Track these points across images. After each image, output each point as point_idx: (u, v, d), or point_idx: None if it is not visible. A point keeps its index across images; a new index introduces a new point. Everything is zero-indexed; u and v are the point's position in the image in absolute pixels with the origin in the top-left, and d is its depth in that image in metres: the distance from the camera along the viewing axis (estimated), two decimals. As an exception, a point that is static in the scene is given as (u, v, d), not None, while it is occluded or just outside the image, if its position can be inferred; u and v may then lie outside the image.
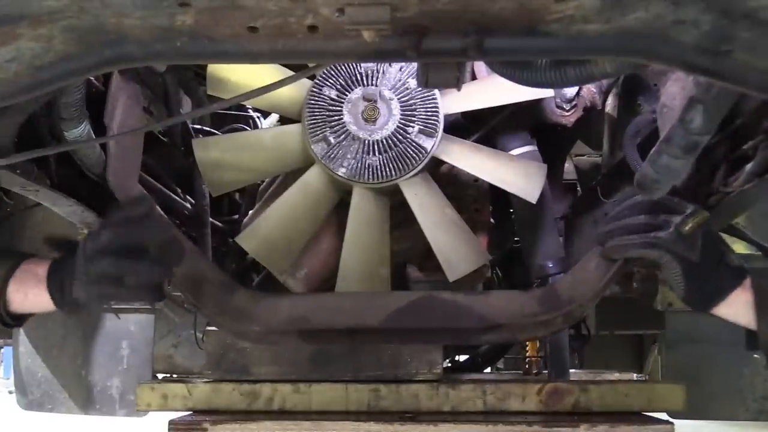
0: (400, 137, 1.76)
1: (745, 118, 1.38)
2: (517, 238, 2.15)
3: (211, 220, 2.18)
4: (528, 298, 1.53)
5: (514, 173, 1.82)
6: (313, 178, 1.81)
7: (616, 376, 3.24)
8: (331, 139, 1.76)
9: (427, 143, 1.76)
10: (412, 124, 1.76)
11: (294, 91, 1.80)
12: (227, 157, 1.87)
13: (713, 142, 1.43)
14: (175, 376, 2.76)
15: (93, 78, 1.49)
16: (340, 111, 1.77)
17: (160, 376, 2.69)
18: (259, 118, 2.35)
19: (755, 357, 2.29)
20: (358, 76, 1.78)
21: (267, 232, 1.82)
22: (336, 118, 1.77)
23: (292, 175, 1.88)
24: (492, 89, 1.81)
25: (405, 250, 1.93)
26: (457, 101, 1.80)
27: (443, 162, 1.83)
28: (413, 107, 1.76)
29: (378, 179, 1.76)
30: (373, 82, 1.77)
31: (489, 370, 3.30)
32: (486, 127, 1.92)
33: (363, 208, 1.79)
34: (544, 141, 1.99)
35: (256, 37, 0.92)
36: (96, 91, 1.51)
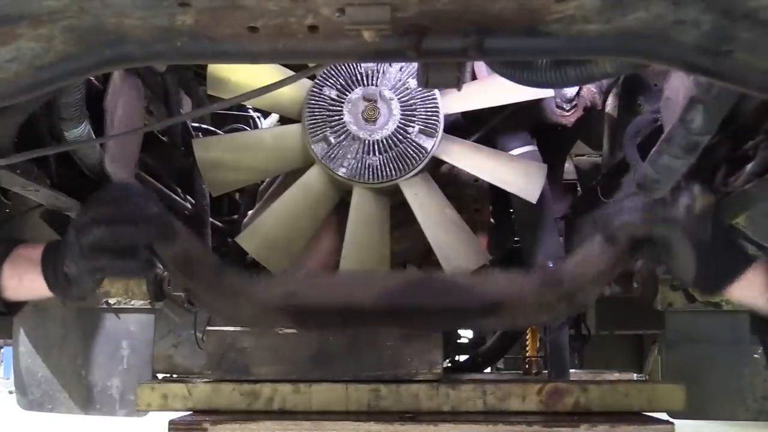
0: (401, 137, 1.76)
1: (745, 118, 1.38)
2: (517, 238, 2.15)
3: (210, 220, 2.18)
4: (529, 278, 1.51)
5: (514, 173, 1.82)
6: (313, 178, 1.81)
7: (616, 376, 3.24)
8: (332, 139, 1.76)
9: (427, 143, 1.76)
10: (412, 124, 1.76)
11: (294, 91, 1.80)
12: (227, 157, 1.87)
13: (714, 141, 1.43)
14: (175, 376, 2.76)
15: (93, 78, 1.49)
16: (340, 111, 1.77)
17: (160, 376, 2.68)
18: (259, 118, 2.35)
19: (755, 357, 2.29)
20: (359, 76, 1.78)
21: (267, 232, 1.82)
22: (336, 118, 1.77)
23: (292, 175, 1.88)
24: (492, 89, 1.80)
25: (405, 250, 1.93)
26: (457, 101, 1.80)
27: (443, 162, 1.84)
28: (413, 107, 1.76)
29: (378, 179, 1.76)
30: (374, 82, 1.77)
31: (489, 370, 3.30)
32: (486, 127, 1.92)
33: (363, 208, 1.79)
34: (544, 141, 1.99)
35: (256, 37, 0.92)
36: (96, 91, 1.51)
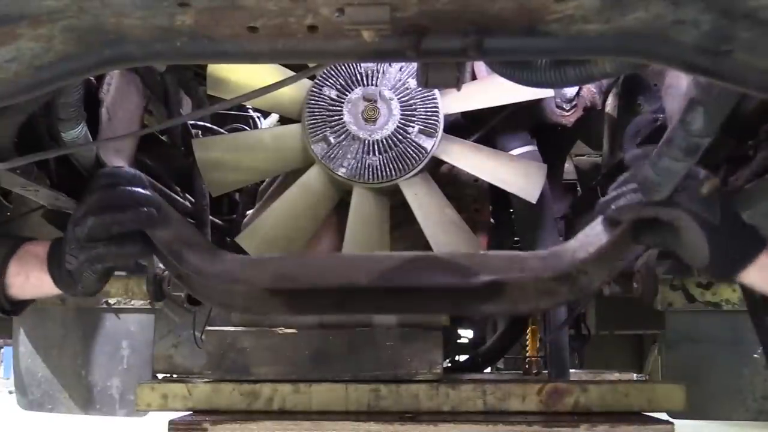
0: (400, 137, 1.76)
1: (745, 118, 1.38)
2: (517, 238, 2.15)
3: (211, 219, 2.17)
4: (530, 258, 1.50)
5: (514, 173, 1.82)
6: (313, 178, 1.81)
7: (616, 376, 3.24)
8: (331, 139, 1.76)
9: (427, 143, 1.76)
10: (412, 124, 1.76)
11: (294, 91, 1.80)
12: (227, 157, 1.88)
13: (714, 141, 1.43)
14: (175, 376, 2.76)
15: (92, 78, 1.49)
16: (340, 111, 1.77)
17: (160, 376, 2.68)
18: (259, 118, 2.35)
19: (755, 357, 2.29)
20: (358, 76, 1.78)
21: (267, 232, 1.82)
22: (336, 118, 1.77)
23: (292, 175, 1.88)
24: (492, 89, 1.81)
25: (405, 250, 1.93)
26: (457, 101, 1.80)
27: (443, 162, 1.84)
28: (413, 107, 1.77)
29: (378, 179, 1.76)
30: (373, 82, 1.77)
31: (489, 370, 3.30)
32: (486, 127, 1.92)
33: (363, 208, 1.79)
34: (544, 141, 2.00)
35: (256, 37, 0.91)
36: (92, 86, 1.50)
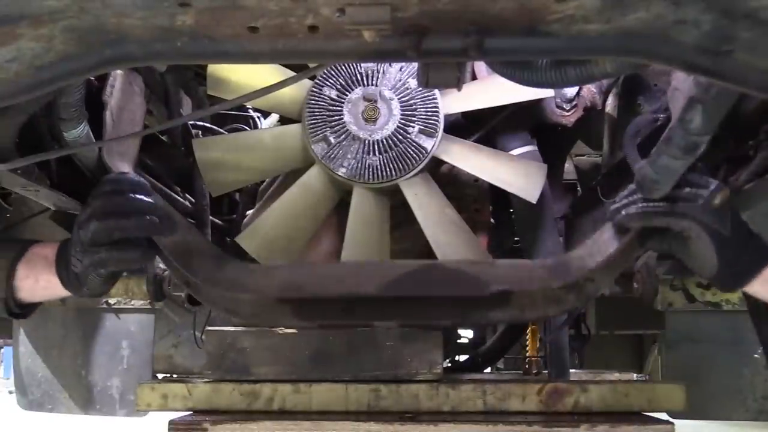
0: (401, 137, 1.76)
1: (745, 118, 1.37)
2: (517, 238, 2.15)
3: (211, 219, 2.18)
4: (537, 267, 1.49)
5: (514, 173, 1.82)
6: (313, 178, 1.81)
7: (616, 376, 3.24)
8: (332, 139, 1.76)
9: (428, 143, 1.76)
10: (412, 124, 1.76)
11: (294, 91, 1.80)
12: (227, 157, 1.87)
13: (714, 142, 1.43)
14: (175, 376, 2.76)
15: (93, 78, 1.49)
16: (340, 111, 1.77)
17: (160, 376, 2.69)
18: (259, 118, 2.35)
19: (755, 357, 2.30)
20: (359, 76, 1.78)
21: (267, 232, 1.82)
22: (336, 118, 1.77)
23: (292, 175, 1.88)
24: (492, 89, 1.81)
25: (405, 250, 1.93)
26: (457, 101, 1.80)
27: (443, 162, 1.83)
28: (413, 107, 1.76)
29: (378, 179, 1.76)
30: (374, 82, 1.77)
31: (489, 370, 3.30)
32: (486, 127, 1.92)
33: (363, 208, 1.79)
34: (544, 141, 1.99)
35: (256, 37, 0.92)
36: (94, 87, 1.51)
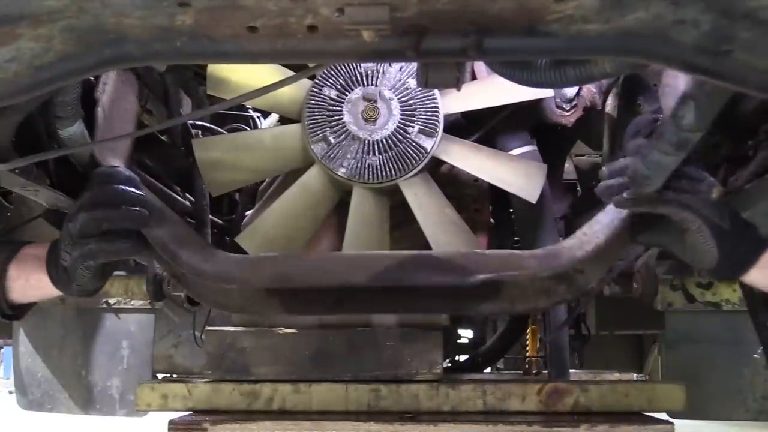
0: (400, 137, 1.76)
1: (745, 118, 1.37)
2: (517, 238, 2.15)
3: (211, 219, 2.18)
4: (526, 256, 1.49)
5: (514, 173, 1.82)
6: (313, 178, 1.81)
7: (616, 376, 3.25)
8: (331, 139, 1.76)
9: (427, 143, 1.76)
10: (412, 124, 1.76)
11: (294, 91, 1.80)
12: (227, 157, 1.87)
13: (714, 141, 1.43)
14: (175, 376, 2.76)
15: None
16: (340, 111, 1.77)
17: (160, 376, 2.69)
18: (259, 118, 2.35)
19: (755, 357, 2.30)
20: (358, 76, 1.78)
21: (267, 232, 1.81)
22: (336, 118, 1.77)
23: (292, 175, 1.88)
24: (492, 89, 1.80)
25: (405, 249, 1.93)
26: (457, 101, 1.80)
27: (443, 162, 1.83)
28: (413, 107, 1.76)
29: (378, 179, 1.76)
30: (373, 82, 1.77)
31: (489, 370, 3.30)
32: (486, 127, 1.92)
33: (363, 208, 1.79)
34: (544, 141, 1.99)
35: (256, 37, 0.91)
36: (87, 84, 1.50)
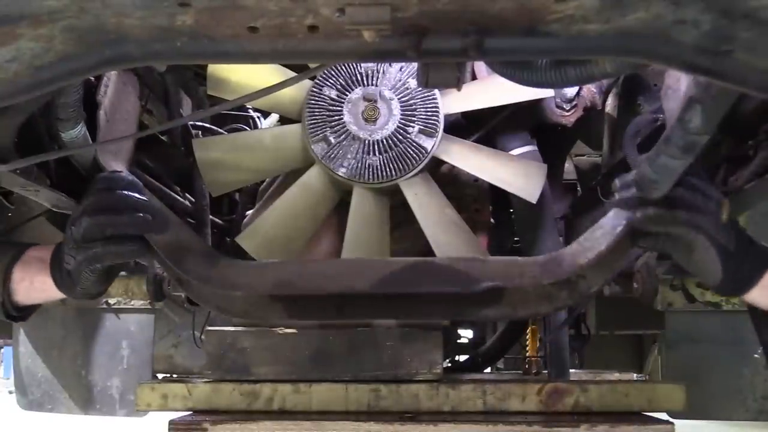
0: (401, 137, 1.76)
1: (745, 118, 1.37)
2: (517, 238, 2.15)
3: (211, 219, 2.18)
4: (529, 263, 1.50)
5: (514, 173, 1.82)
6: (313, 178, 1.81)
7: (616, 376, 3.25)
8: (332, 139, 1.76)
9: (428, 143, 1.76)
10: (412, 124, 1.76)
11: (294, 91, 1.80)
12: (227, 158, 1.87)
13: (714, 142, 1.43)
14: (175, 376, 2.76)
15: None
16: (340, 111, 1.77)
17: (160, 376, 2.69)
18: (259, 118, 2.35)
19: (755, 357, 2.30)
20: (359, 76, 1.78)
21: (267, 232, 1.82)
22: (336, 118, 1.77)
23: (292, 175, 1.88)
24: (492, 89, 1.80)
25: (405, 250, 1.93)
26: (457, 101, 1.80)
27: (443, 162, 1.83)
28: (413, 107, 1.76)
29: (378, 179, 1.76)
30: (374, 82, 1.77)
31: (489, 370, 3.30)
32: (486, 127, 1.92)
33: (363, 208, 1.79)
34: (544, 141, 1.99)
35: (256, 37, 0.91)
36: (89, 86, 1.51)
